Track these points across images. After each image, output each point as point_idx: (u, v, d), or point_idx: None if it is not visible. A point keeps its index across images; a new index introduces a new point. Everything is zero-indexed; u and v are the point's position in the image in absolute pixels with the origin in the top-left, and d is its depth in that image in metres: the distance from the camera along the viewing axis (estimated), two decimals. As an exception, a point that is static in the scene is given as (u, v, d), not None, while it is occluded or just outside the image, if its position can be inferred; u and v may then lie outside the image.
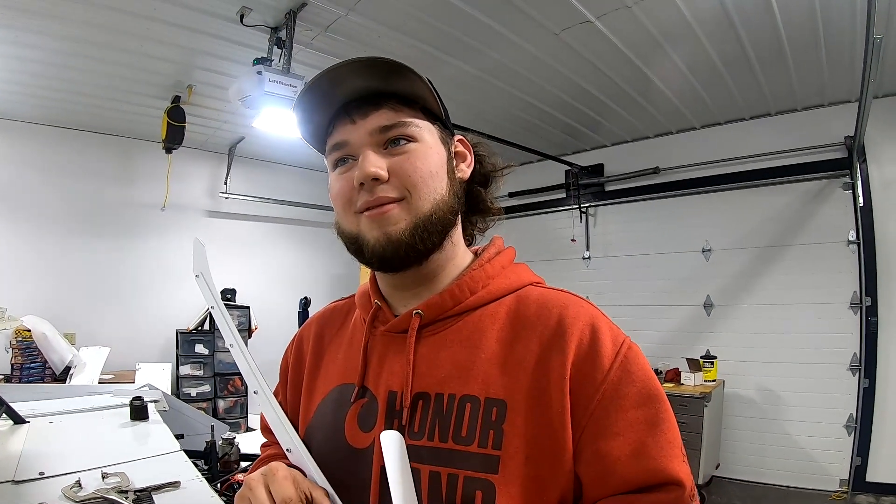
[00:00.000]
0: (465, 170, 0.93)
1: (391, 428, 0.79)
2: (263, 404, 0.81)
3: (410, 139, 0.83)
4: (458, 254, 0.92)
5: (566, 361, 0.76)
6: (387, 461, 0.70)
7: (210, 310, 0.82)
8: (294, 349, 1.05)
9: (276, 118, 3.85)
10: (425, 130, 0.85)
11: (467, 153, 0.94)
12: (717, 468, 5.20)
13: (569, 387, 0.75)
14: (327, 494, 0.75)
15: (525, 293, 0.88)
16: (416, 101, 0.86)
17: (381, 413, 0.82)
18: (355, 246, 0.85)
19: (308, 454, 0.79)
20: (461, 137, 0.95)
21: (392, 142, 0.82)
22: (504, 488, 0.72)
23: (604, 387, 0.75)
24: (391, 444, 0.72)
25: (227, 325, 0.80)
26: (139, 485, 1.41)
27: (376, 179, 0.80)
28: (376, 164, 0.80)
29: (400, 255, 0.81)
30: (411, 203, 0.81)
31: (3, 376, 4.56)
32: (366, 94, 0.83)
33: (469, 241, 0.97)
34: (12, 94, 4.66)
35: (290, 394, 1.02)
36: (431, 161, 0.84)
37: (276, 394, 1.07)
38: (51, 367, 4.61)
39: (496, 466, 0.73)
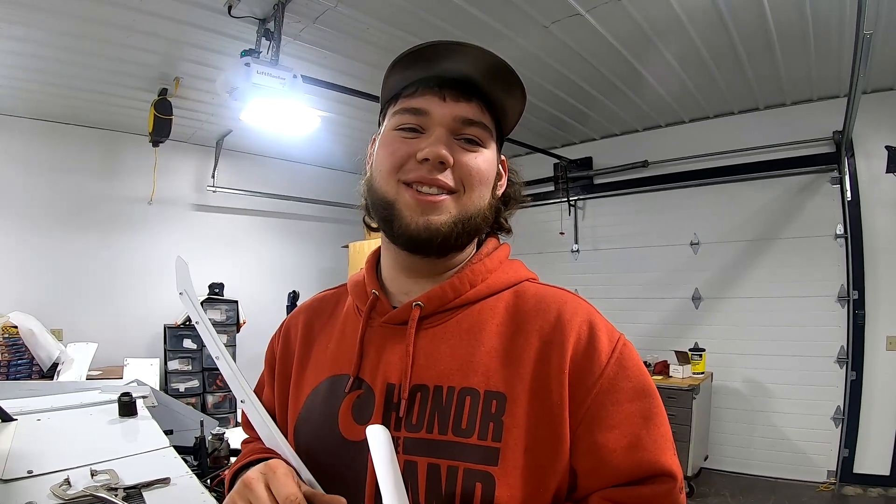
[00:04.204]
0: (500, 189, 0.95)
1: (388, 420, 0.79)
2: (251, 412, 0.80)
3: (481, 144, 0.85)
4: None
5: (565, 356, 0.78)
6: (374, 455, 0.70)
7: (195, 324, 0.81)
8: (281, 338, 1.04)
9: (264, 111, 3.81)
10: (492, 142, 0.88)
11: (503, 174, 0.96)
12: (705, 460, 5.23)
13: (567, 381, 0.77)
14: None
15: (522, 289, 0.89)
16: (500, 114, 0.88)
17: (377, 405, 0.82)
18: (387, 213, 0.84)
19: (297, 457, 0.78)
20: (503, 158, 0.96)
21: (466, 140, 0.84)
22: (503, 480, 0.73)
23: (601, 381, 0.77)
24: (378, 437, 0.71)
25: (212, 339, 0.80)
26: (129, 482, 1.40)
27: (443, 164, 0.80)
28: (448, 149, 0.81)
29: (434, 244, 0.82)
30: (461, 199, 0.83)
31: (-11, 374, 4.52)
32: (464, 80, 0.83)
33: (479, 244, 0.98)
34: (-6, 87, 4.59)
35: (277, 384, 1.00)
36: (489, 170, 0.87)
37: (261, 384, 1.07)
38: (38, 364, 4.57)
39: (496, 458, 0.74)
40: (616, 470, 0.75)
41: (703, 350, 5.31)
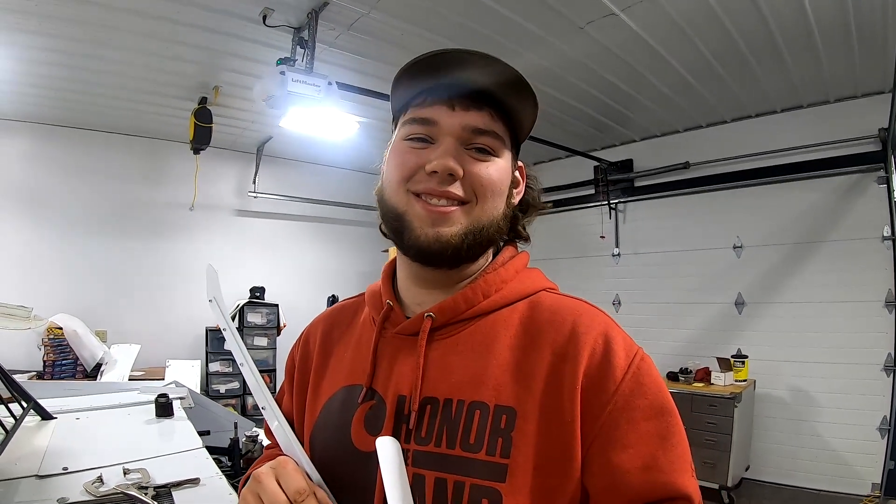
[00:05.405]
0: (516, 196, 0.93)
1: (398, 432, 0.79)
2: (270, 419, 0.80)
3: (493, 153, 0.83)
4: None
5: (578, 371, 0.76)
6: (383, 468, 0.70)
7: (223, 331, 0.82)
8: (300, 347, 1.04)
9: (304, 117, 3.87)
10: (505, 150, 0.86)
11: (521, 181, 0.95)
12: (746, 470, 5.12)
13: (580, 396, 0.75)
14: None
15: (538, 299, 0.87)
16: (513, 121, 0.87)
17: (388, 416, 0.81)
18: (397, 224, 0.83)
19: (311, 464, 0.78)
20: (521, 164, 0.95)
21: (478, 149, 0.82)
22: (511, 497, 0.72)
23: (615, 398, 0.74)
24: (387, 450, 0.71)
25: (237, 347, 0.80)
26: (160, 481, 1.42)
27: (452, 175, 0.79)
28: (457, 160, 0.80)
29: (445, 255, 0.81)
30: (473, 209, 0.82)
31: (35, 373, 4.67)
32: (474, 88, 0.82)
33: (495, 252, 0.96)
34: (41, 98, 4.78)
35: (296, 393, 1.00)
36: (502, 179, 0.85)
37: (282, 391, 1.07)
38: (82, 365, 4.72)
39: (503, 475, 0.73)
40: (630, 491, 0.72)
41: (746, 357, 5.20)
